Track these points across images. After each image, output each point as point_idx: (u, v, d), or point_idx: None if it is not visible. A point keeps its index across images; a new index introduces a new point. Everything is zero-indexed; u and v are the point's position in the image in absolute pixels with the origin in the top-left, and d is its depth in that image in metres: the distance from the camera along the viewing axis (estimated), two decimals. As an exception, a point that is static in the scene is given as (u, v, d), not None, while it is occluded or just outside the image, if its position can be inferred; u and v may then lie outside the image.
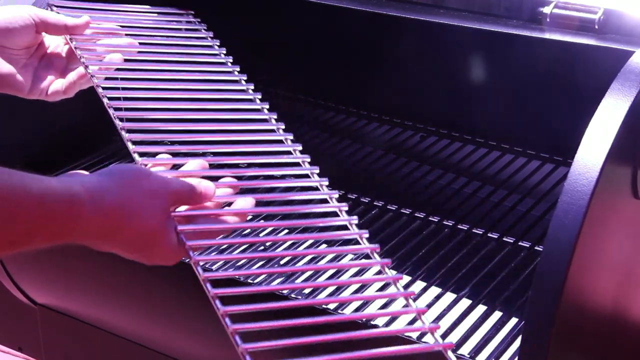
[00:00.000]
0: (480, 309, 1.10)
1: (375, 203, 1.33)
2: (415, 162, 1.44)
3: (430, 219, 1.28)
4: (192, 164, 0.86)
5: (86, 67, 0.98)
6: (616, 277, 1.01)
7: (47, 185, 0.69)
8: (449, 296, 1.12)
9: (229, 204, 0.86)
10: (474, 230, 1.25)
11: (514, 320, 1.09)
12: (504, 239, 1.23)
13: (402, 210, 1.30)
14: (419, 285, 1.14)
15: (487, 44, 1.20)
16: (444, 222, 1.27)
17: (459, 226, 1.26)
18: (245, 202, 0.86)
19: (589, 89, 1.11)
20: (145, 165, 0.86)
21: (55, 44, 1.04)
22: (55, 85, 1.00)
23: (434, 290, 1.13)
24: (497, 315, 1.09)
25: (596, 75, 1.09)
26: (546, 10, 1.10)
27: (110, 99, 0.94)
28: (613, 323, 1.04)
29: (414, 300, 0.83)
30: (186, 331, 1.21)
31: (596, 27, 1.07)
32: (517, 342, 1.03)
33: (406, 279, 1.15)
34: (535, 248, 1.20)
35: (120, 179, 0.76)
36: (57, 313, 1.35)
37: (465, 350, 1.01)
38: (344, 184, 1.37)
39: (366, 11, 1.20)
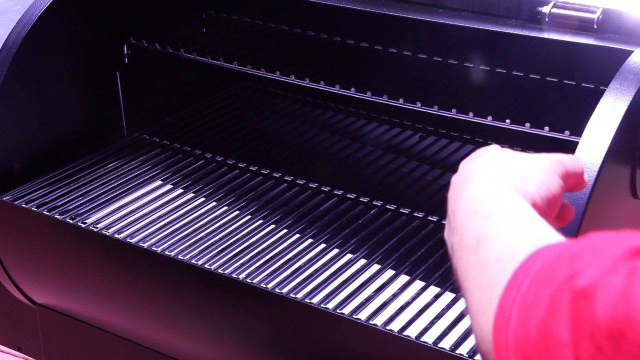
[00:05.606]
0: (479, 308, 1.10)
1: (374, 202, 1.33)
2: (414, 161, 1.44)
3: (429, 218, 1.28)
4: None
5: None
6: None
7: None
8: (448, 296, 1.12)
9: None
10: (473, 230, 1.25)
11: (512, 320, 1.08)
12: (503, 238, 1.23)
13: (401, 210, 1.31)
14: (418, 284, 1.14)
15: (487, 43, 1.20)
16: (443, 222, 1.27)
17: (458, 226, 1.26)
18: None
19: (588, 88, 1.12)
20: None
21: None
22: None
23: (433, 290, 1.13)
24: (496, 314, 1.08)
25: (595, 75, 1.10)
26: (545, 9, 1.10)
27: None
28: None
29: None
30: (186, 331, 1.21)
31: (595, 26, 1.07)
32: (516, 342, 1.03)
33: (405, 278, 1.15)
34: (535, 248, 1.19)
35: None
36: (57, 313, 1.35)
37: (464, 349, 1.01)
38: (343, 184, 1.37)
39: (366, 11, 1.21)
